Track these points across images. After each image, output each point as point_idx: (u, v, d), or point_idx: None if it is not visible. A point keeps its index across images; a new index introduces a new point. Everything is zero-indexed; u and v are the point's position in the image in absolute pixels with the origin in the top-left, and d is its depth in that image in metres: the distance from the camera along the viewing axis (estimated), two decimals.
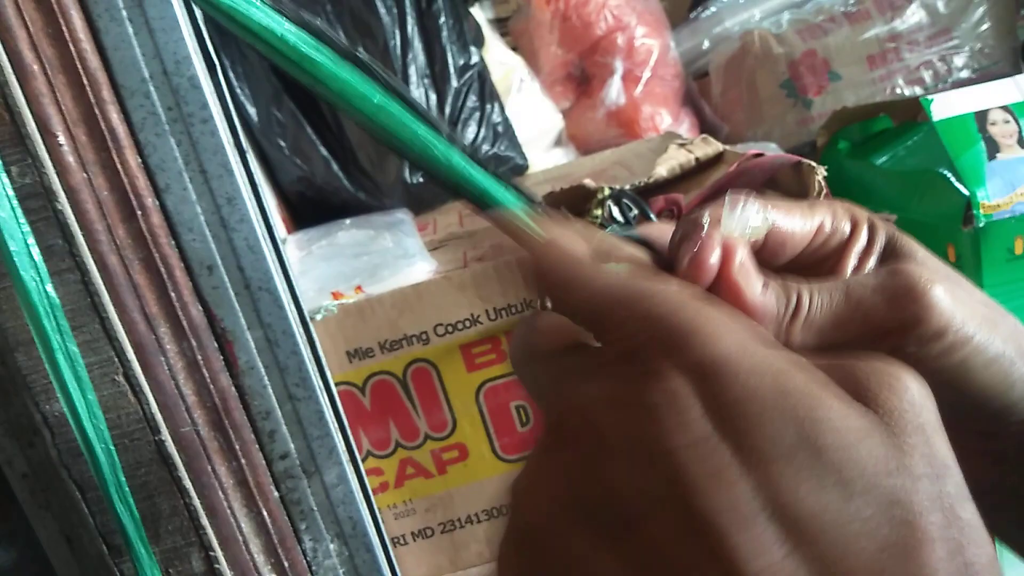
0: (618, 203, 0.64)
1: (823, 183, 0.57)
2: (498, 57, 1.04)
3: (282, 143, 0.82)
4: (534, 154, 1.05)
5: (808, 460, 0.18)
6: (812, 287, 0.27)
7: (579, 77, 1.13)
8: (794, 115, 1.11)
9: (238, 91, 0.82)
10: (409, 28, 0.82)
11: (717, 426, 0.19)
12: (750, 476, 0.19)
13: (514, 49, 1.12)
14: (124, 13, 0.48)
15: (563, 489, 0.21)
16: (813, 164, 0.58)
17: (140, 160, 0.50)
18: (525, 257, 0.25)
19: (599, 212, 0.64)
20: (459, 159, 0.29)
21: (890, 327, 0.27)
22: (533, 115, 1.06)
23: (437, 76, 0.84)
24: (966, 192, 0.85)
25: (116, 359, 0.50)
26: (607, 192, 0.65)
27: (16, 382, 0.51)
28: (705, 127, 1.17)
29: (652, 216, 0.61)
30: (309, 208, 0.86)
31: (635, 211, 0.63)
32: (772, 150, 1.15)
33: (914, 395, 0.20)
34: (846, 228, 0.31)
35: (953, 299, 0.27)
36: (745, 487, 0.18)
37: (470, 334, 0.58)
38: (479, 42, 0.88)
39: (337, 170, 0.82)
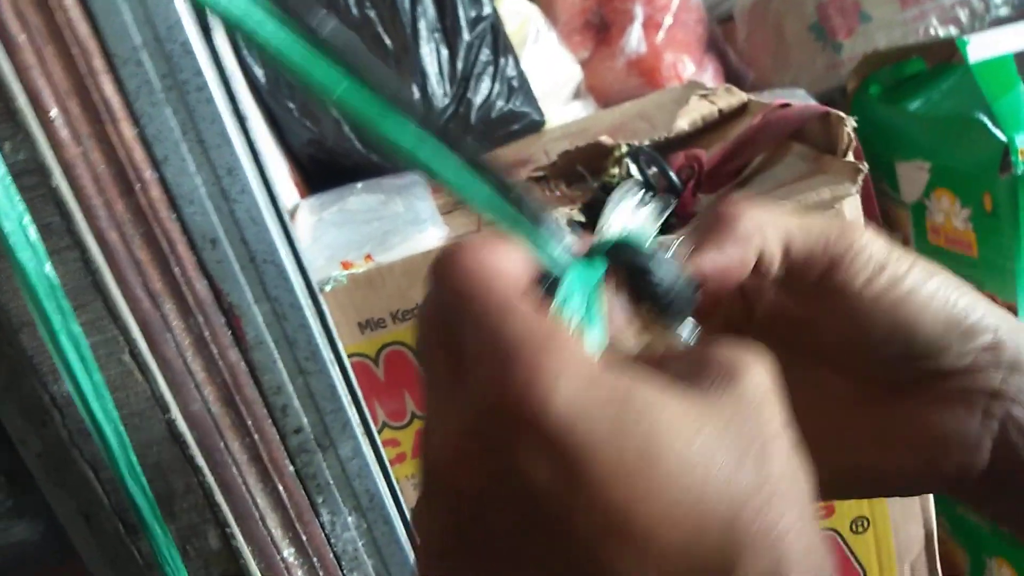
0: (636, 160, 0.62)
1: (853, 135, 0.54)
2: (512, 7, 1.00)
3: (291, 105, 0.80)
4: (552, 107, 1.01)
5: (651, 475, 0.19)
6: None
7: (597, 25, 1.09)
8: (823, 59, 1.07)
9: (244, 52, 0.79)
10: None
11: (563, 479, 0.20)
12: (608, 508, 0.19)
13: None
14: None
15: (449, 530, 0.22)
16: (842, 115, 0.55)
17: (136, 131, 0.48)
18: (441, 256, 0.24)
19: (616, 170, 0.61)
20: (427, 152, 0.26)
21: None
22: (550, 67, 1.03)
23: (448, 30, 0.81)
24: (1004, 138, 0.81)
25: (121, 337, 0.49)
26: (624, 149, 0.62)
27: (22, 363, 0.50)
28: (730, 74, 1.13)
29: (671, 174, 0.58)
30: (322, 171, 0.84)
31: (653, 169, 0.60)
32: (800, 97, 1.11)
33: (753, 379, 0.21)
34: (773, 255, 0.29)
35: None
36: (609, 516, 0.19)
37: None
38: None
39: (348, 132, 0.80)
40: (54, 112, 0.46)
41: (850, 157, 0.55)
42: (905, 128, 0.94)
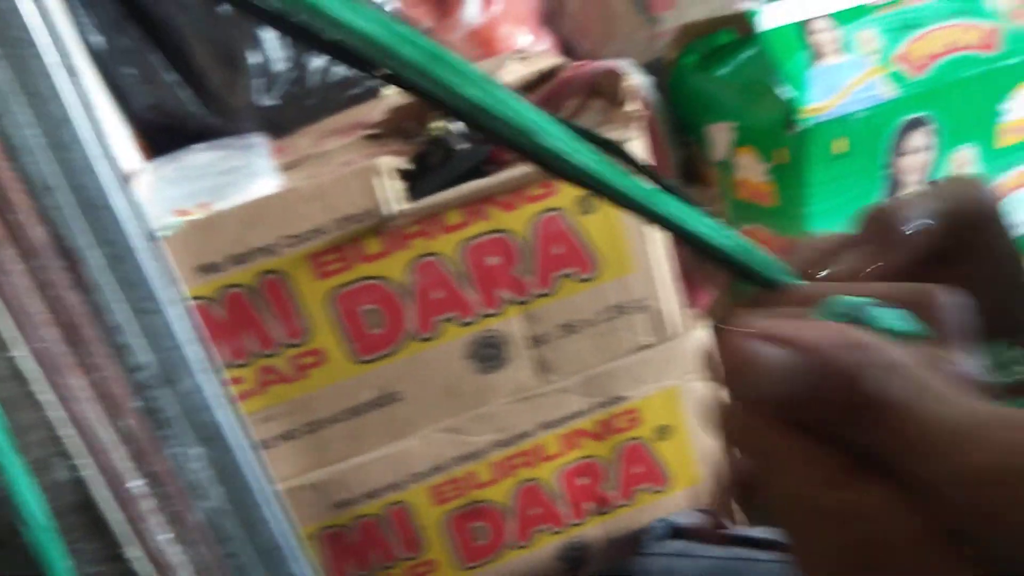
0: None
1: (631, 88, 0.62)
2: None
3: (131, 70, 0.82)
4: None
5: None
6: None
7: None
8: (645, 31, 1.16)
9: (83, 19, 0.81)
10: None
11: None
12: None
13: None
14: None
15: None
16: (621, 71, 0.64)
17: None
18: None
19: (440, 123, 0.67)
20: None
21: None
22: None
23: None
24: (789, 97, 0.92)
25: None
26: None
27: None
28: (565, 46, 1.20)
29: None
30: (165, 136, 0.86)
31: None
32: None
33: None
34: None
35: None
36: None
37: (318, 244, 0.62)
38: None
39: (188, 96, 0.83)
40: None
41: (631, 106, 0.63)
42: (714, 94, 1.05)
